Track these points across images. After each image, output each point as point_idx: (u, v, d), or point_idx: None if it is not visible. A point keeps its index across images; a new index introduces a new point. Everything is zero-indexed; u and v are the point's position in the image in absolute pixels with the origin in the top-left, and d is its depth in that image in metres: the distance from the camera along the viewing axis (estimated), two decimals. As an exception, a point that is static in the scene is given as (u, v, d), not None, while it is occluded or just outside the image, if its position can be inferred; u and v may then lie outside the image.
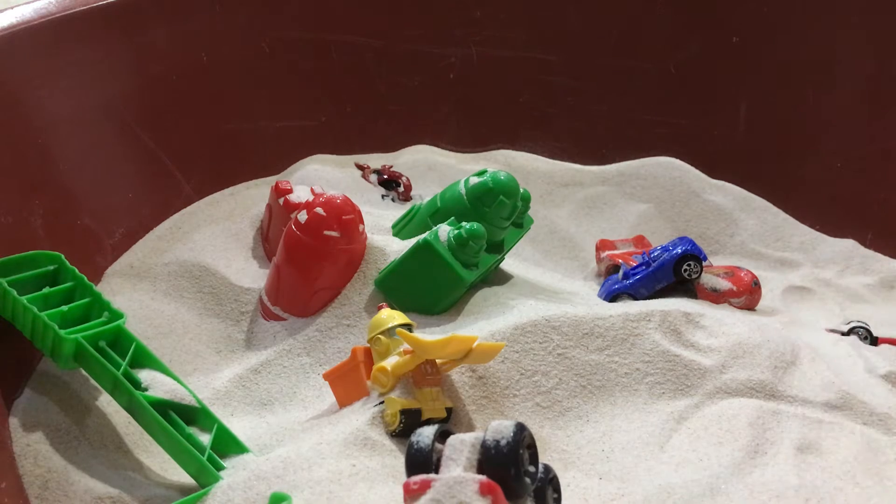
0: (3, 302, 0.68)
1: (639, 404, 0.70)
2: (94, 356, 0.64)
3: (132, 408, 0.63)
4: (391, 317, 0.67)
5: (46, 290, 0.69)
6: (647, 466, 0.64)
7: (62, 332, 0.64)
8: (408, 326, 0.66)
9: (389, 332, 0.66)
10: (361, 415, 0.64)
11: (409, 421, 0.62)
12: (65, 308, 0.67)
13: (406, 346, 0.64)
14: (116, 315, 0.68)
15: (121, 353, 0.66)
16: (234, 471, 0.61)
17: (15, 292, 0.67)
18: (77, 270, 0.71)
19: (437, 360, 0.65)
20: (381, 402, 0.64)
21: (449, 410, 0.65)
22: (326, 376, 0.68)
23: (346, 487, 0.58)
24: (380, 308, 0.68)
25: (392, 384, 0.63)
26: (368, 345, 0.67)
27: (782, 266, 0.95)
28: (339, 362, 0.69)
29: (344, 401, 0.67)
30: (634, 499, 0.61)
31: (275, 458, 0.61)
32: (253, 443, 0.66)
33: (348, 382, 0.66)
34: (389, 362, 0.64)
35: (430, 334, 0.68)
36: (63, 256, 0.72)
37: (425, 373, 0.64)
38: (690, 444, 0.66)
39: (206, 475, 0.61)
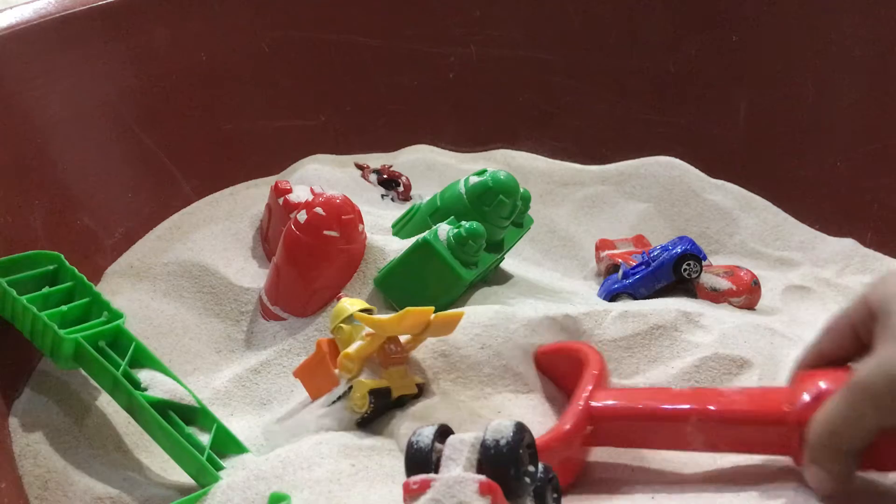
0: (2, 302, 0.68)
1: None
2: (93, 356, 0.64)
3: (132, 408, 0.63)
4: (350, 304, 0.67)
5: (46, 289, 0.69)
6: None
7: (61, 332, 0.64)
8: (367, 311, 0.67)
9: (350, 319, 0.66)
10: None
11: (380, 402, 0.63)
12: (64, 308, 0.67)
13: (368, 329, 0.64)
14: (116, 315, 0.68)
15: (120, 353, 0.66)
16: (233, 471, 0.61)
17: (14, 292, 0.67)
18: (77, 270, 0.71)
19: (400, 338, 0.66)
20: (350, 388, 0.64)
21: (420, 386, 0.66)
22: (296, 374, 0.68)
23: (346, 487, 0.58)
24: (338, 299, 0.68)
25: (358, 368, 0.64)
26: (332, 335, 0.67)
27: (782, 265, 0.95)
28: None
29: (317, 395, 0.67)
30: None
31: (274, 458, 0.61)
32: (252, 443, 0.66)
33: (318, 376, 0.67)
34: (353, 347, 0.64)
35: (388, 314, 0.68)
36: (63, 256, 0.72)
37: (390, 352, 0.65)
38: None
39: (205, 475, 0.61)
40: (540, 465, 0.54)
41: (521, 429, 0.51)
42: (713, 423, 0.57)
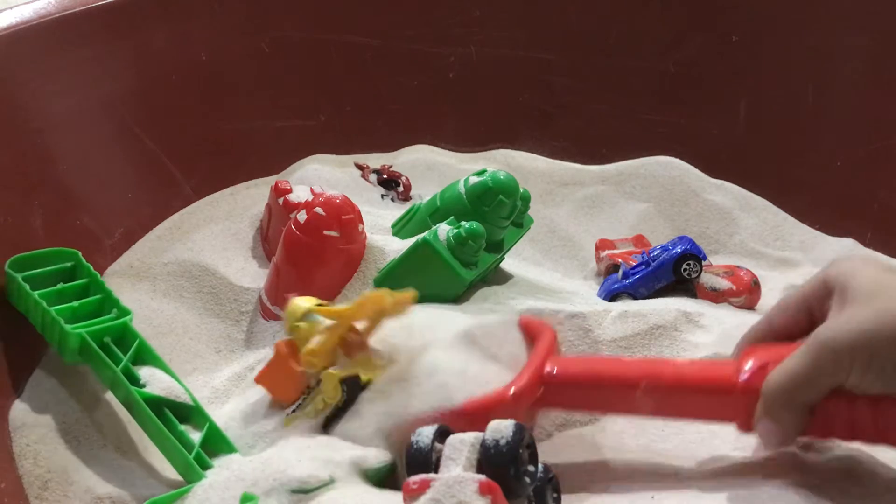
0: (17, 296, 0.70)
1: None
2: (95, 351, 0.66)
3: (128, 403, 0.65)
4: (303, 301, 0.66)
5: (60, 285, 0.71)
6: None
7: (67, 326, 0.66)
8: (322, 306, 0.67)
9: (305, 316, 0.65)
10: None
11: (351, 390, 0.63)
12: (75, 304, 0.69)
13: (325, 323, 0.64)
14: (124, 312, 0.70)
15: (125, 350, 0.68)
16: (218, 470, 0.62)
17: (28, 287, 0.69)
18: (92, 268, 0.72)
19: (358, 326, 0.66)
20: (318, 383, 0.64)
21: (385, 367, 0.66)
22: (259, 380, 0.67)
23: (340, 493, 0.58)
24: (287, 299, 0.67)
25: (323, 362, 0.63)
26: (289, 335, 0.67)
27: (782, 265, 0.95)
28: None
29: (284, 397, 0.66)
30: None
31: (256, 460, 0.61)
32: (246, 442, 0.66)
33: (282, 379, 0.66)
34: (314, 342, 0.64)
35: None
36: (80, 254, 0.73)
37: (352, 341, 0.65)
38: (689, 445, 0.66)
39: (191, 473, 0.62)
40: (540, 466, 0.54)
41: (520, 428, 0.51)
42: (662, 390, 0.60)
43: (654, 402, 0.60)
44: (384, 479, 0.61)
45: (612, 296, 0.85)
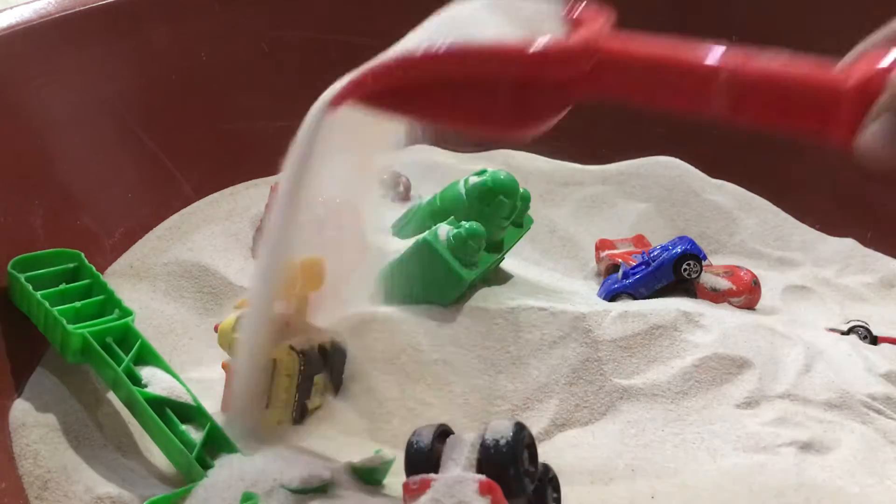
0: (20, 297, 0.70)
1: (638, 404, 0.70)
2: (97, 351, 0.66)
3: (129, 402, 0.65)
4: (225, 320, 0.67)
5: (63, 286, 0.71)
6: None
7: (70, 326, 0.66)
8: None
9: (237, 326, 0.66)
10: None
11: (308, 360, 0.65)
12: (77, 304, 0.69)
13: None
14: (126, 312, 0.70)
15: (127, 350, 0.68)
16: (220, 469, 0.62)
17: (31, 287, 0.69)
18: (94, 268, 0.73)
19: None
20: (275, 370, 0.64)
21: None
22: (225, 408, 0.67)
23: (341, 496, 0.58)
24: (215, 329, 0.68)
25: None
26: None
27: (782, 265, 0.95)
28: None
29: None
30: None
31: (257, 459, 0.61)
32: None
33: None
34: None
35: None
36: (83, 255, 0.73)
37: (288, 318, 0.66)
38: (689, 445, 0.66)
39: (192, 473, 0.62)
40: (540, 466, 0.54)
41: (520, 428, 0.52)
42: (749, 85, 0.49)
43: (735, 98, 0.49)
44: (382, 478, 0.61)
45: (612, 296, 0.85)
